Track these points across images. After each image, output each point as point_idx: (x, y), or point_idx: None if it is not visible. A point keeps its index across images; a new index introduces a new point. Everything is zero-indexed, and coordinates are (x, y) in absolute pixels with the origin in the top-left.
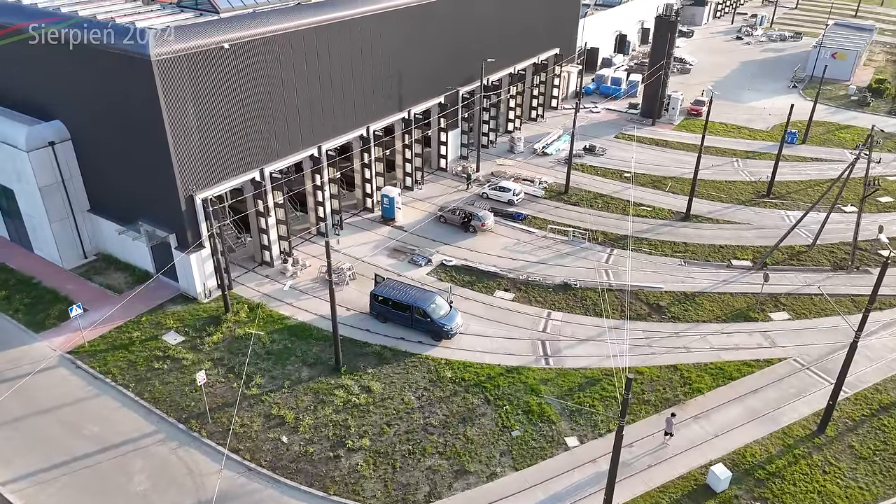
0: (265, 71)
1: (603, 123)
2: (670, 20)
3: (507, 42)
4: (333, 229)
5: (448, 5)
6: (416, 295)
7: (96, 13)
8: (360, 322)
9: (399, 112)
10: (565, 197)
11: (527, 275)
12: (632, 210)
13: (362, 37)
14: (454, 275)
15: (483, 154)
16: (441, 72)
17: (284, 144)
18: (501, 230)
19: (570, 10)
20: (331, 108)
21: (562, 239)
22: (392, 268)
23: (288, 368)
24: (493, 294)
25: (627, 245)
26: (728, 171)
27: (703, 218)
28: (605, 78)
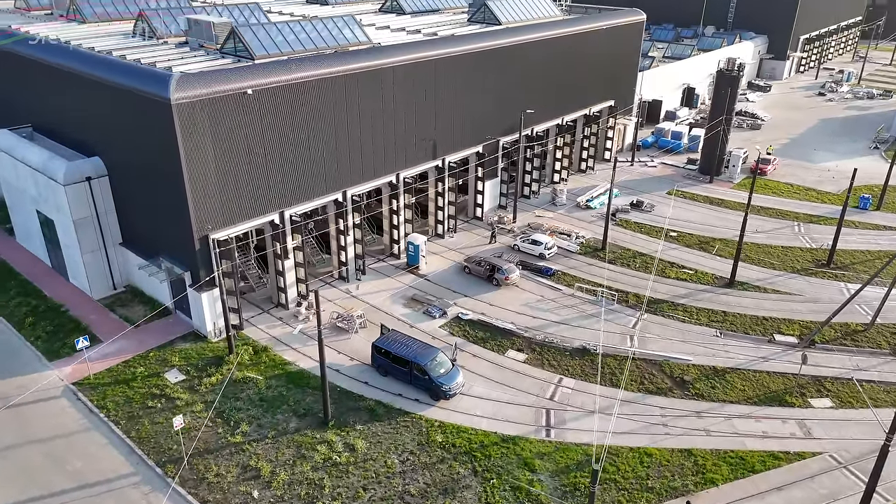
0: (290, 116)
1: (657, 178)
2: (731, 75)
3: (556, 92)
4: (355, 274)
5: (489, 56)
6: (417, 350)
7: (142, 57)
8: (360, 373)
9: (433, 160)
10: (601, 254)
11: (544, 335)
12: (654, 269)
13: (395, 85)
14: (468, 329)
15: (524, 204)
16: (481, 121)
17: (307, 188)
18: (527, 285)
19: (629, 63)
20: (358, 155)
21: (589, 299)
22: (406, 318)
23: (277, 417)
24: (504, 353)
25: (657, 310)
26: (786, 236)
27: (749, 285)
28: (665, 131)
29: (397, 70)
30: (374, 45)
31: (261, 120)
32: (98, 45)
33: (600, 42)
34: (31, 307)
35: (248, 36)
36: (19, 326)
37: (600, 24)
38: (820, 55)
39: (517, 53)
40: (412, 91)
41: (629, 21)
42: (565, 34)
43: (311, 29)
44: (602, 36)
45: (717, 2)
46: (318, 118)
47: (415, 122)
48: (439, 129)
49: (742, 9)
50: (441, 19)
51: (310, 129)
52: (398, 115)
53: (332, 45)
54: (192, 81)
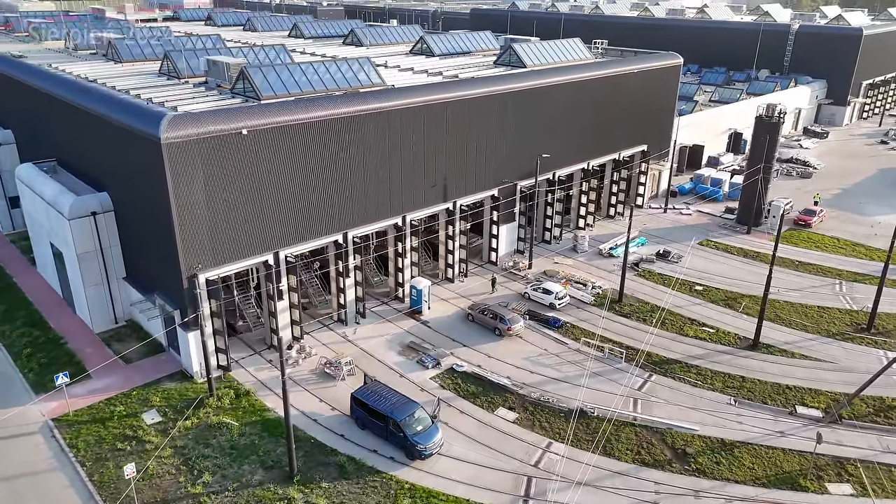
0: (287, 157)
1: (690, 227)
2: (771, 121)
3: (582, 136)
4: (354, 317)
5: (507, 99)
6: (396, 404)
7: (156, 96)
8: (338, 425)
9: (443, 203)
10: (617, 306)
11: (541, 393)
12: (657, 321)
13: (402, 128)
14: (460, 382)
15: (544, 250)
16: (497, 164)
17: (305, 229)
18: (532, 336)
19: (664, 107)
20: (361, 196)
21: (596, 355)
22: (398, 366)
23: (244, 468)
24: (494, 411)
25: (669, 371)
26: (825, 296)
27: (775, 349)
28: (705, 178)
29: (405, 112)
30: (386, 87)
31: (256, 160)
32: (121, 83)
33: (632, 85)
34: (32, 338)
35: (256, 77)
36: (17, 357)
37: (631, 67)
38: (884, 102)
39: (540, 96)
40: (422, 133)
41: (664, 64)
42: (593, 77)
43: (323, 70)
44: (634, 79)
45: (773, 45)
46: (318, 159)
47: (423, 164)
48: (451, 171)
49: (799, 52)
50: (468, 61)
51: (308, 170)
52: (405, 157)
53: (343, 86)
54: (184, 121)
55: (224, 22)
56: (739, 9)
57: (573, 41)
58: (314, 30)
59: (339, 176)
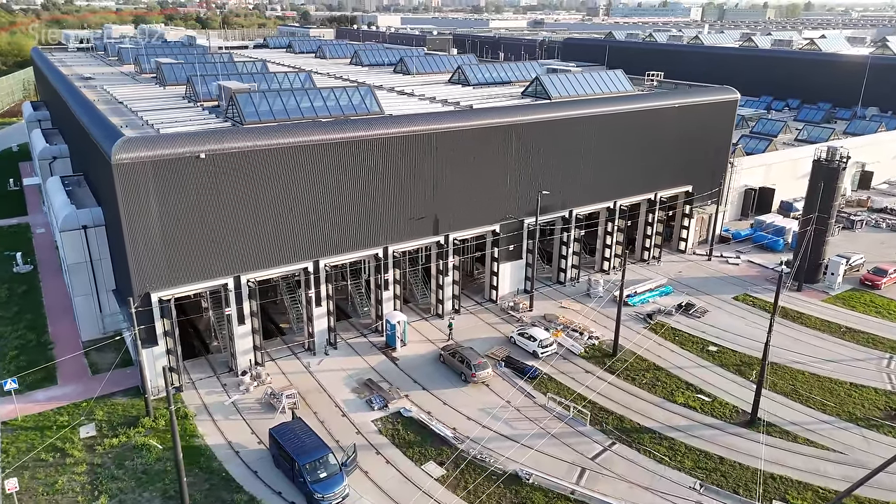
0: (252, 181)
1: (731, 279)
2: (830, 166)
3: (612, 173)
4: (324, 348)
5: (518, 131)
6: (305, 446)
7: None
8: (256, 460)
9: (433, 236)
10: (608, 360)
11: (481, 450)
12: (647, 382)
13: (387, 157)
14: (401, 428)
15: (556, 292)
16: (498, 198)
17: (271, 255)
18: (499, 385)
19: (715, 145)
20: (335, 225)
21: (560, 413)
22: (345, 404)
23: (144, 495)
24: (422, 465)
25: (636, 441)
26: (866, 372)
27: (776, 428)
28: (766, 225)
29: (392, 141)
30: (381, 116)
31: (216, 184)
32: (142, 105)
33: (674, 121)
34: (25, 341)
35: (242, 102)
36: (2, 358)
37: (671, 102)
38: None
39: (557, 130)
40: (411, 164)
41: (716, 99)
42: (623, 111)
43: (318, 98)
44: (675, 114)
45: (884, 80)
46: (286, 185)
47: (411, 195)
48: (443, 203)
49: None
50: (499, 92)
51: (275, 196)
52: (390, 187)
53: (335, 113)
54: (137, 143)
55: (300, 49)
56: (863, 40)
57: (615, 72)
58: (372, 58)
59: (311, 203)
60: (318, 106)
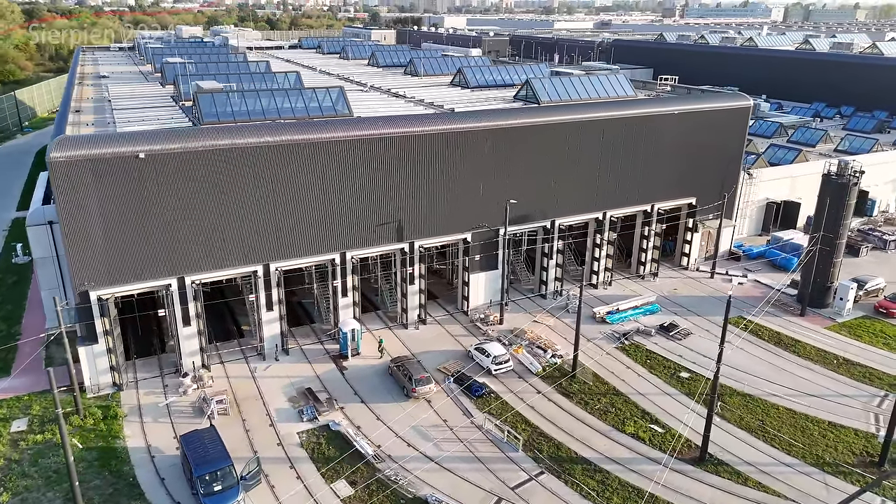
0: (197, 182)
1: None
2: (840, 181)
3: (598, 183)
4: (274, 353)
5: (497, 136)
6: (207, 456)
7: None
8: (168, 467)
9: (398, 243)
10: (564, 382)
11: (397, 472)
12: (600, 407)
13: (347, 160)
14: (323, 442)
15: (535, 305)
16: (471, 205)
17: (218, 257)
18: (441, 402)
19: (725, 156)
20: (288, 229)
21: (494, 437)
22: (276, 413)
23: (47, 495)
24: (332, 483)
25: (566, 472)
26: (850, 410)
27: (727, 468)
28: (783, 241)
29: (352, 144)
30: (349, 118)
31: (157, 184)
32: (128, 103)
33: (677, 128)
34: None
35: (202, 102)
36: None
37: (671, 108)
38: None
39: (543, 135)
40: (374, 168)
41: (724, 106)
42: (619, 117)
43: (284, 99)
44: (679, 122)
45: None
46: (234, 187)
47: (371, 199)
48: (409, 210)
49: None
50: (495, 94)
51: (220, 198)
52: (348, 190)
53: (301, 115)
54: (74, 142)
55: (329, 50)
56: None
57: (617, 76)
58: (388, 59)
59: (260, 206)
60: (284, 107)
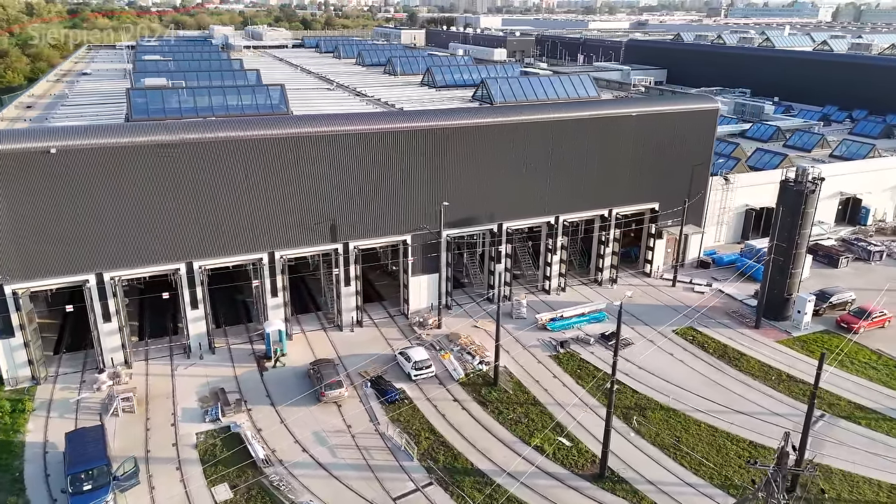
0: (113, 179)
1: (684, 309)
2: (799, 188)
3: (552, 186)
4: (199, 352)
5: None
6: (84, 454)
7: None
8: (58, 463)
9: (331, 243)
10: (484, 391)
11: (282, 477)
12: (513, 419)
13: (275, 159)
14: (219, 444)
15: (480, 310)
16: (411, 207)
17: (137, 254)
18: (351, 407)
19: (691, 160)
20: (212, 227)
21: (393, 445)
22: (182, 413)
23: None
24: (213, 486)
25: (454, 484)
26: (778, 430)
27: (625, 486)
28: (756, 249)
29: (282, 142)
30: (286, 115)
31: (71, 180)
32: (81, 100)
33: (638, 131)
34: None
35: (134, 98)
36: None
37: (629, 110)
38: None
39: (491, 136)
40: (305, 168)
41: (691, 109)
42: (574, 118)
43: (220, 97)
44: (640, 124)
45: None
46: (153, 184)
47: (302, 198)
48: (343, 210)
49: None
50: (457, 94)
51: (140, 194)
52: (277, 189)
53: (236, 112)
54: None
55: (325, 49)
56: None
57: (581, 77)
58: (373, 58)
59: (182, 203)
60: (221, 105)
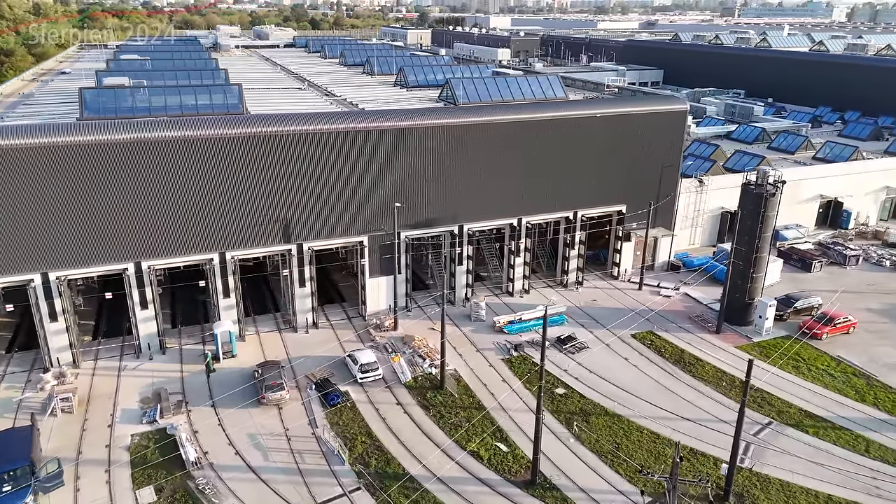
0: (51, 177)
1: (647, 312)
2: (759, 191)
3: (515, 187)
4: (148, 352)
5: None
6: (6, 455)
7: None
8: None
9: (284, 244)
10: (429, 394)
11: (209, 481)
12: (454, 424)
13: (224, 159)
14: (152, 446)
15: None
16: (368, 208)
17: (79, 254)
18: (292, 410)
19: (661, 162)
20: (159, 226)
21: (328, 448)
22: (122, 413)
23: None
24: (138, 489)
25: (380, 488)
26: (721, 438)
27: (555, 493)
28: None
29: (232, 141)
30: (240, 115)
31: (13, 178)
32: (45, 99)
33: (605, 133)
34: None
35: (87, 97)
36: None
37: (593, 111)
38: None
39: (453, 137)
40: (253, 166)
41: (658, 110)
42: (537, 119)
43: (174, 96)
44: (606, 126)
45: None
46: (95, 183)
47: (252, 199)
48: (297, 210)
49: None
50: (425, 94)
51: (84, 193)
52: (225, 189)
53: (190, 112)
54: None
55: (314, 49)
56: None
57: (549, 78)
58: (355, 58)
59: (128, 203)
60: (173, 104)
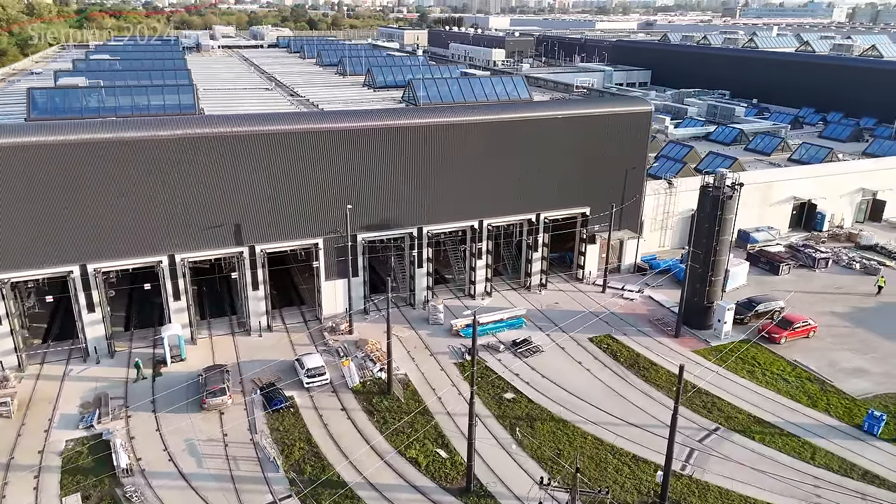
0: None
1: (608, 315)
2: (716, 193)
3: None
4: (96, 356)
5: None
6: None
7: None
8: None
9: (236, 246)
10: (375, 399)
11: (139, 487)
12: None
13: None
14: (85, 451)
15: (399, 315)
16: (323, 210)
17: (28, 255)
18: (234, 414)
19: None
20: (104, 229)
21: (264, 455)
22: (60, 418)
23: None
24: (65, 497)
25: (314, 495)
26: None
27: (489, 502)
28: None
29: (181, 143)
30: (193, 115)
31: None
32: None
33: (568, 134)
34: None
35: (36, 97)
36: None
37: (555, 112)
38: None
39: (410, 138)
40: (203, 167)
41: (622, 111)
42: (500, 120)
43: (126, 97)
44: (568, 127)
45: None
46: (42, 185)
47: (202, 200)
48: (248, 212)
49: None
50: (391, 95)
51: (28, 195)
52: (173, 191)
53: (142, 112)
54: None
55: (295, 49)
56: None
57: (514, 78)
58: (331, 58)
59: (73, 204)
60: (126, 105)
